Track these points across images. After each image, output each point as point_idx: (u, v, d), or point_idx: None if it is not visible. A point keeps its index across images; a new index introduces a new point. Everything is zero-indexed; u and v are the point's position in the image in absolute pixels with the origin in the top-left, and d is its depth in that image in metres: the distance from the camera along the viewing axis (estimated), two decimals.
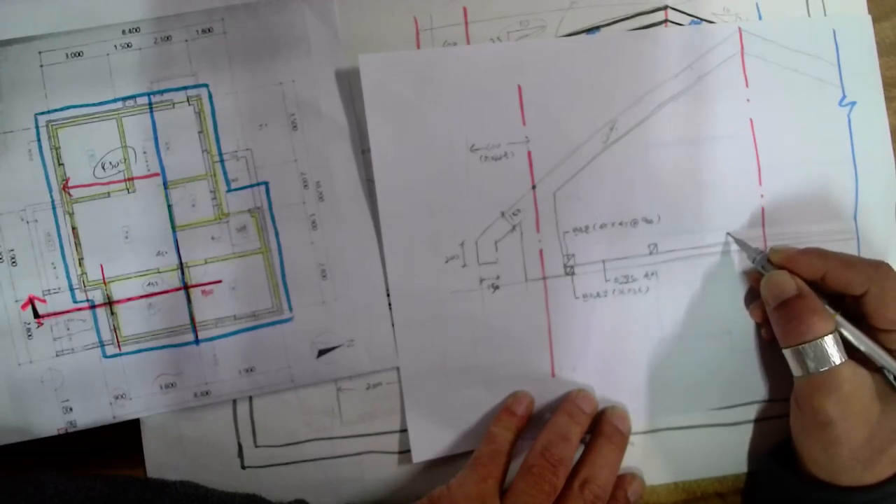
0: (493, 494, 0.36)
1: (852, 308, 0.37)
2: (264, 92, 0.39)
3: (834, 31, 0.42)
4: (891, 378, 0.35)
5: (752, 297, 0.41)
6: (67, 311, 0.38)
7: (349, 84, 0.40)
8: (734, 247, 0.41)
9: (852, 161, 0.42)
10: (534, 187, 0.40)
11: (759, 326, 0.41)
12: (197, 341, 0.39)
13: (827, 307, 0.36)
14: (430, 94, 0.39)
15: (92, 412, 0.38)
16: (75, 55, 0.38)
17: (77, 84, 0.38)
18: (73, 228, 0.38)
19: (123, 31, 0.39)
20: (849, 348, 0.35)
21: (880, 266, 0.36)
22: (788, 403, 0.38)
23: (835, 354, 0.34)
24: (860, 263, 0.36)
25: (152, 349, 0.39)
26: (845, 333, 0.35)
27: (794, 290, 0.36)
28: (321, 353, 0.39)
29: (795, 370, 0.36)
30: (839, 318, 0.36)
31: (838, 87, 0.42)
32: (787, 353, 0.36)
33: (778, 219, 0.41)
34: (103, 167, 0.39)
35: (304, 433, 0.40)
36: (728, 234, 0.41)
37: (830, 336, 0.34)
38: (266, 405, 0.40)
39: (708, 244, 0.41)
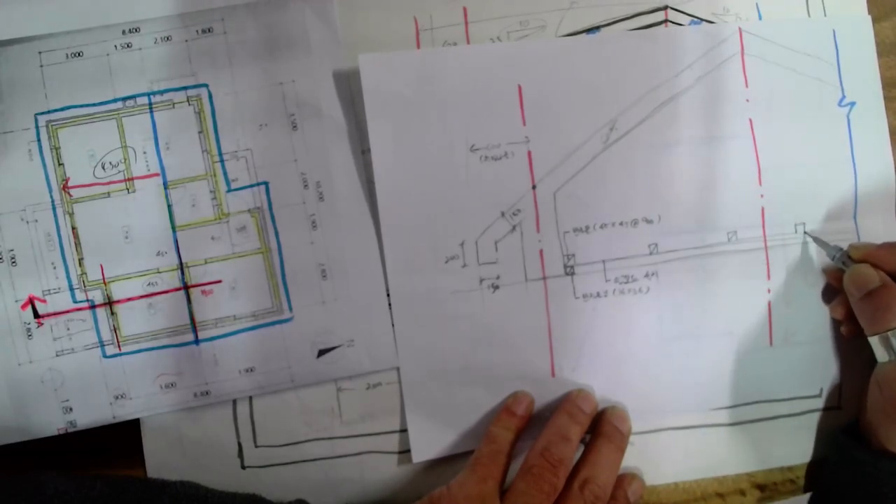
0: (493, 495, 0.36)
1: None
2: (264, 92, 0.39)
3: (834, 32, 0.42)
4: None
5: (831, 295, 0.41)
6: (67, 311, 0.38)
7: (349, 84, 0.40)
8: (735, 247, 0.41)
9: (852, 161, 0.42)
10: (534, 187, 0.40)
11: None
12: (197, 341, 0.39)
13: None
14: (430, 94, 0.39)
15: (92, 412, 0.38)
16: (75, 55, 0.38)
17: (77, 84, 0.38)
18: (73, 228, 0.38)
19: (123, 31, 0.39)
20: None
21: None
22: (787, 403, 0.39)
23: None
24: None
25: (152, 349, 0.39)
26: None
27: (877, 281, 0.38)
28: (321, 353, 0.39)
29: (881, 356, 0.38)
30: None
31: (838, 88, 0.42)
32: (873, 340, 0.38)
33: (778, 219, 0.41)
34: (103, 167, 0.39)
35: (304, 433, 0.40)
36: (806, 232, 0.41)
37: None
38: (266, 405, 0.40)
39: (708, 244, 0.41)
